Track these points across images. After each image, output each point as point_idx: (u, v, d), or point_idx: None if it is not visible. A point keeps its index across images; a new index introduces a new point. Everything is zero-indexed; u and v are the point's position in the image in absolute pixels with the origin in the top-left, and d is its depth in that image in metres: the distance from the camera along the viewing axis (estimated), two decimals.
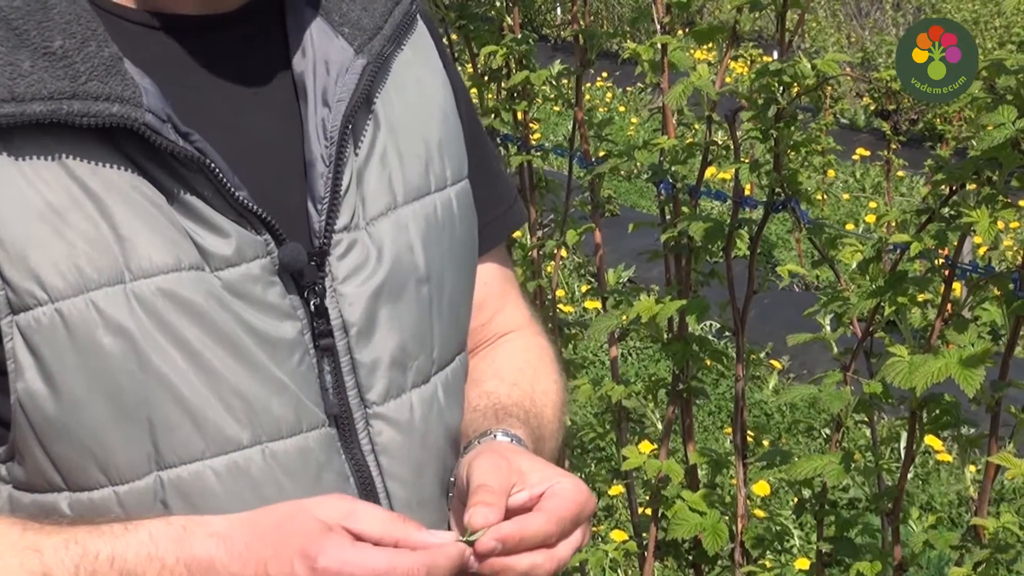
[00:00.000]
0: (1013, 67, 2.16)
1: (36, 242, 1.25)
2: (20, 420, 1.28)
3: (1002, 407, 2.33)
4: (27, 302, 1.25)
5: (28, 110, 1.24)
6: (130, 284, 1.28)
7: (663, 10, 2.96)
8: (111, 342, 1.27)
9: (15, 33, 1.27)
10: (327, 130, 1.42)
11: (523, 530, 1.31)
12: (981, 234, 2.19)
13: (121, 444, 1.29)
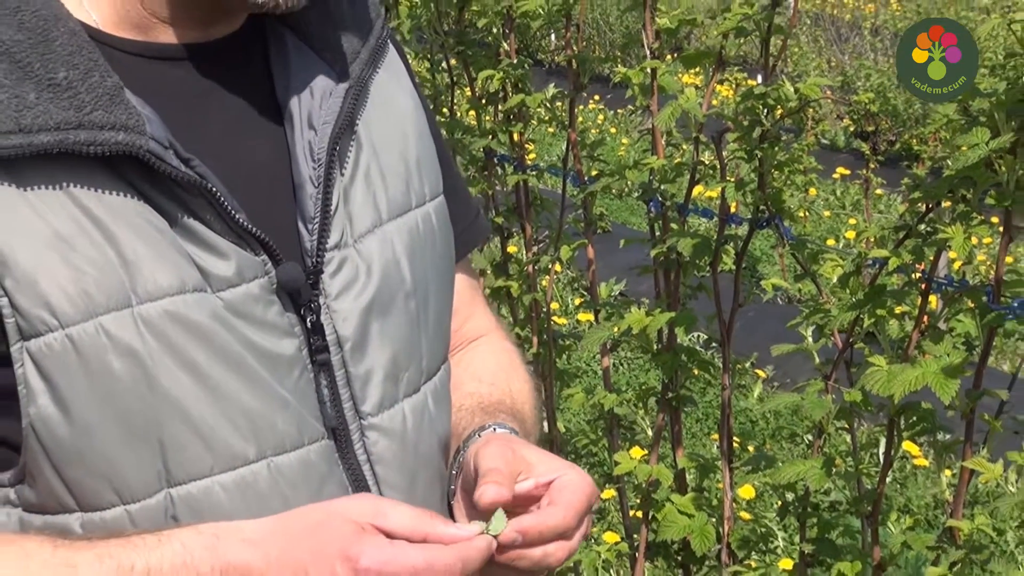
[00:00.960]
0: (986, 90, 2.16)
1: (45, 269, 1.23)
2: (33, 444, 1.27)
3: (976, 414, 2.33)
4: (37, 328, 1.24)
5: (35, 141, 1.23)
6: (137, 307, 1.27)
7: (652, 36, 2.97)
8: (121, 365, 1.26)
9: (19, 66, 1.25)
10: (314, 152, 1.42)
11: (543, 523, 1.32)
12: (956, 250, 2.19)
13: (132, 464, 1.28)
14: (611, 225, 7.92)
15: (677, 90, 2.82)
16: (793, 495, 2.91)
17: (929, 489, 5.06)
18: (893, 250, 2.36)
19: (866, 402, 2.43)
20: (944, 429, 2.44)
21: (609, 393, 3.24)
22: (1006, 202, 2.17)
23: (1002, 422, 2.33)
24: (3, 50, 1.26)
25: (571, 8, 3.34)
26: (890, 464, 2.56)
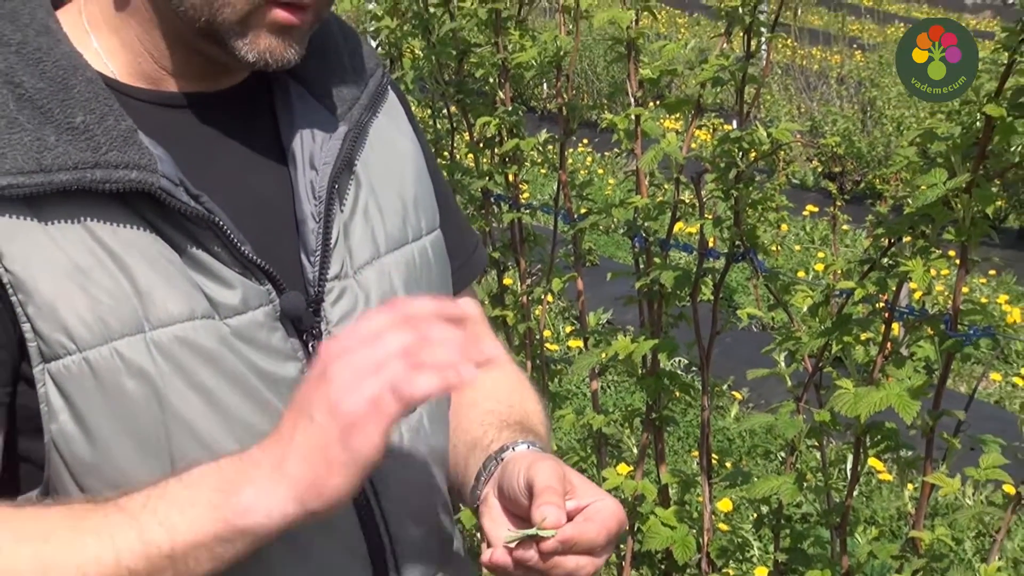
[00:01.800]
0: (943, 135, 2.17)
1: (64, 298, 1.24)
2: (54, 458, 1.28)
3: (936, 433, 2.33)
4: (57, 352, 1.25)
5: (55, 179, 1.24)
6: (149, 333, 1.27)
7: (636, 85, 2.97)
8: (134, 386, 1.27)
9: (40, 112, 1.26)
10: (316, 190, 1.43)
11: (580, 535, 1.31)
12: (917, 281, 2.19)
13: (145, 477, 1.28)
14: (599, 259, 7.91)
15: (659, 135, 2.82)
16: (768, 508, 2.91)
17: (893, 502, 5.05)
18: (858, 282, 2.36)
19: (834, 422, 2.42)
20: (906, 446, 2.43)
21: (597, 414, 3.23)
22: (962, 237, 2.17)
23: (960, 440, 2.33)
24: (26, 97, 1.27)
25: (561, 60, 3.34)
26: (857, 479, 2.56)
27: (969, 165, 2.12)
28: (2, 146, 1.23)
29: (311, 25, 1.38)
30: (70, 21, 1.38)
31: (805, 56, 13.64)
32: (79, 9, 1.40)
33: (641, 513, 2.98)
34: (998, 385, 6.53)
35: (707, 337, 2.92)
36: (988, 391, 6.45)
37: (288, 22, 1.34)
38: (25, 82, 1.27)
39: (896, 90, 10.45)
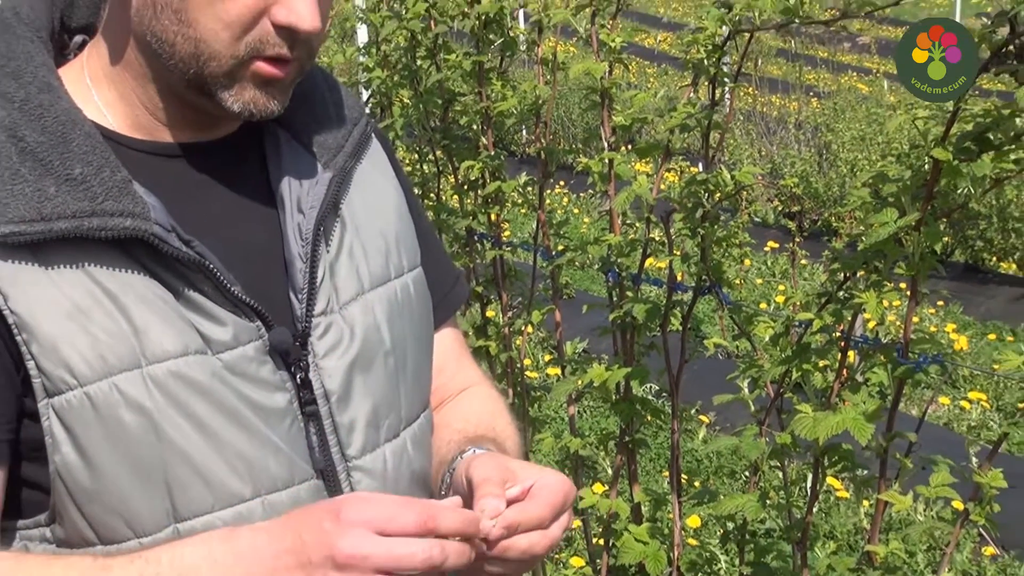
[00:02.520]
0: (894, 177, 2.18)
1: (65, 337, 1.25)
2: (59, 487, 1.28)
3: (889, 453, 2.33)
4: (60, 387, 1.26)
5: (55, 227, 1.25)
6: (146, 368, 1.28)
7: (609, 131, 2.98)
8: (132, 418, 1.27)
9: (41, 164, 1.27)
10: (303, 232, 1.44)
11: (522, 515, 1.31)
12: (870, 312, 2.19)
13: (143, 503, 1.29)
14: (575, 292, 7.91)
15: (631, 177, 2.83)
16: (733, 524, 2.90)
17: (850, 518, 5.04)
18: (816, 313, 2.37)
19: (795, 444, 2.42)
20: (862, 466, 2.43)
21: (574, 437, 3.23)
22: (912, 272, 2.18)
23: (911, 460, 2.33)
24: (28, 150, 1.28)
25: (539, 108, 3.36)
26: (816, 497, 2.56)
27: (918, 205, 2.12)
28: (5, 196, 1.24)
29: (294, 78, 1.39)
30: (72, 77, 1.40)
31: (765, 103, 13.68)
32: (82, 65, 1.42)
33: (616, 530, 2.98)
34: (946, 408, 6.54)
35: (676, 365, 2.92)
36: (937, 414, 6.46)
37: (271, 75, 1.35)
38: (27, 136, 1.28)
39: (849, 135, 10.49)
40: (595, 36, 2.97)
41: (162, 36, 1.33)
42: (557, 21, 3.02)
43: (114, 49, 1.39)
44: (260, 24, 1.32)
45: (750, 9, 2.32)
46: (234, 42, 1.31)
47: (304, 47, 1.36)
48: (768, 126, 12.25)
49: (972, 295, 8.67)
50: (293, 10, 1.31)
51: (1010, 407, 6.49)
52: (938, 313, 8.29)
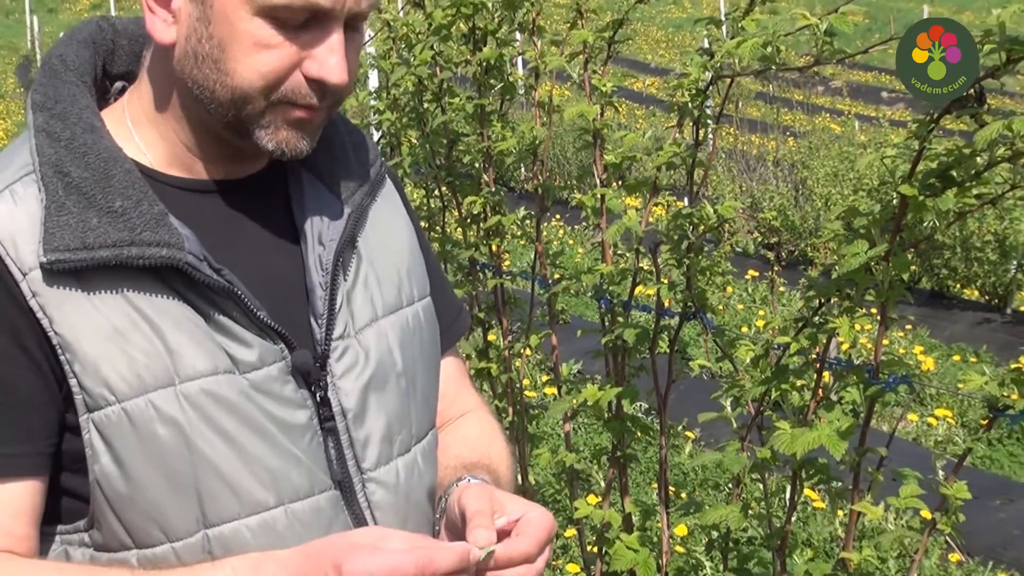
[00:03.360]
0: (864, 211, 2.18)
1: (105, 357, 1.27)
2: (97, 495, 1.30)
3: (861, 467, 2.33)
4: (99, 403, 1.28)
5: (97, 256, 1.27)
6: (179, 386, 1.30)
7: (601, 169, 2.99)
8: (165, 432, 1.29)
9: (85, 197, 1.29)
10: (323, 263, 1.45)
11: (513, 550, 1.31)
12: (843, 336, 2.19)
13: (176, 510, 1.30)
14: (570, 318, 7.91)
15: (621, 211, 2.83)
16: (718, 533, 2.90)
17: (826, 527, 5.03)
18: (794, 337, 2.37)
19: (774, 458, 2.42)
20: (837, 479, 2.43)
21: (570, 452, 3.22)
22: (882, 299, 2.18)
23: (882, 473, 2.32)
24: (73, 185, 1.30)
25: (536, 147, 3.36)
26: (794, 507, 2.55)
27: (887, 237, 2.13)
28: (52, 227, 1.26)
29: (321, 121, 1.40)
30: (114, 119, 1.41)
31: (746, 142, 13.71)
32: (123, 108, 1.43)
33: (608, 538, 2.97)
34: (915, 424, 6.53)
35: (664, 385, 2.92)
36: (907, 430, 6.45)
37: (300, 117, 1.36)
38: (72, 172, 1.30)
39: (823, 171, 10.51)
40: (587, 81, 2.98)
41: (203, 84, 1.34)
42: (553, 67, 3.03)
43: (157, 94, 1.41)
44: (293, 77, 1.33)
45: (730, 56, 2.33)
46: (267, 91, 1.33)
47: (332, 97, 1.37)
48: (748, 163, 12.27)
49: (938, 320, 8.67)
50: (324, 65, 1.33)
51: (974, 423, 6.48)
52: (907, 336, 8.29)
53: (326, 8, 1.30)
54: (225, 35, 1.31)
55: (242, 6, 1.29)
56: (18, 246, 1.27)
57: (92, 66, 1.44)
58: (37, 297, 1.26)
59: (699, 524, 3.59)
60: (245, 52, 1.31)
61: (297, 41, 1.32)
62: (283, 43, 1.31)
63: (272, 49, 1.31)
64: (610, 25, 2.88)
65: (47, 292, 1.26)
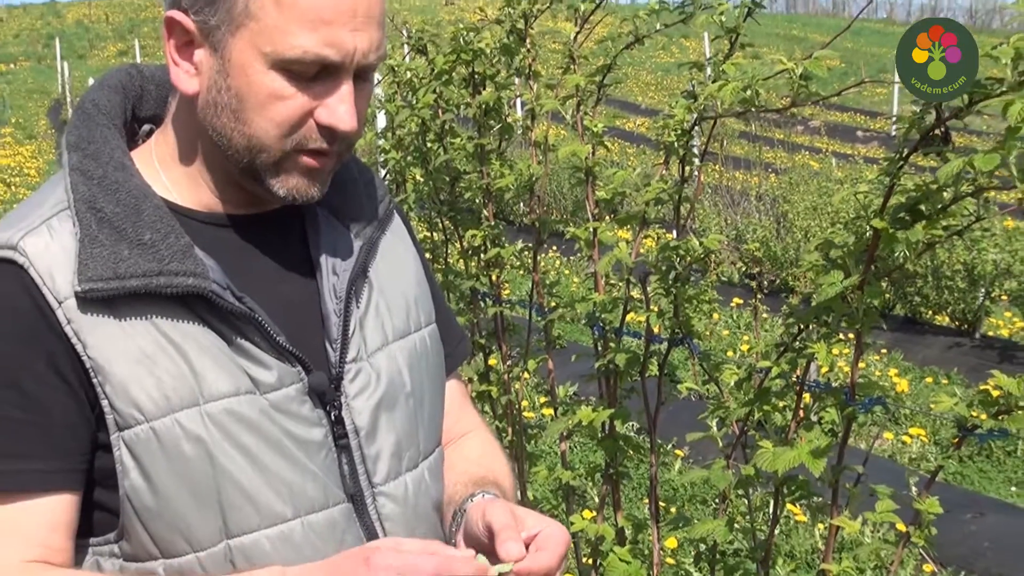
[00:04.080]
0: (839, 243, 2.18)
1: (134, 379, 1.28)
2: (127, 508, 1.31)
3: (840, 484, 2.32)
4: (129, 422, 1.29)
5: (127, 285, 1.28)
6: (203, 406, 1.31)
7: (593, 204, 2.99)
8: (191, 449, 1.30)
9: (116, 231, 1.31)
10: (337, 292, 1.46)
11: (537, 564, 1.32)
12: (821, 360, 2.19)
13: (200, 521, 1.31)
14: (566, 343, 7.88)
15: (613, 243, 2.84)
16: (705, 546, 2.89)
17: (807, 539, 5.02)
18: (775, 361, 2.37)
19: (757, 475, 2.41)
20: (817, 494, 2.42)
21: (566, 470, 3.22)
22: (856, 325, 2.18)
23: (859, 489, 2.32)
24: (106, 219, 1.32)
25: (533, 184, 3.37)
26: (777, 521, 2.55)
27: (861, 267, 2.13)
28: (86, 258, 1.28)
29: (332, 168, 1.41)
30: (143, 159, 1.43)
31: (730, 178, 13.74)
32: (150, 150, 1.45)
33: (602, 551, 2.96)
34: (891, 442, 6.52)
35: (654, 407, 2.91)
36: (883, 448, 6.44)
37: (312, 166, 1.38)
38: (104, 208, 1.32)
39: (803, 205, 10.52)
40: (580, 122, 2.99)
41: (222, 131, 1.36)
42: (548, 109, 3.04)
43: (181, 138, 1.43)
44: (306, 124, 1.34)
45: (712, 99, 2.34)
46: (282, 138, 1.34)
47: (343, 143, 1.38)
48: (733, 198, 12.29)
49: (912, 344, 8.67)
50: (334, 113, 1.34)
51: (946, 441, 6.47)
52: (882, 360, 8.29)
53: (336, 61, 1.31)
54: (242, 87, 1.32)
55: (258, 60, 1.30)
56: (54, 276, 1.29)
57: (122, 110, 1.46)
58: (72, 324, 1.28)
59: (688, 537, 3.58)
60: (261, 103, 1.32)
61: (309, 92, 1.33)
62: (296, 94, 1.32)
63: (286, 100, 1.32)
64: (600, 70, 2.89)
65: (81, 319, 1.28)
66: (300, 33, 1.28)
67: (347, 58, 1.31)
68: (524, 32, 3.28)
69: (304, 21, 1.28)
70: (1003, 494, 5.89)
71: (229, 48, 1.32)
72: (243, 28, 1.30)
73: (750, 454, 2.47)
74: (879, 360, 8.24)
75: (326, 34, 1.29)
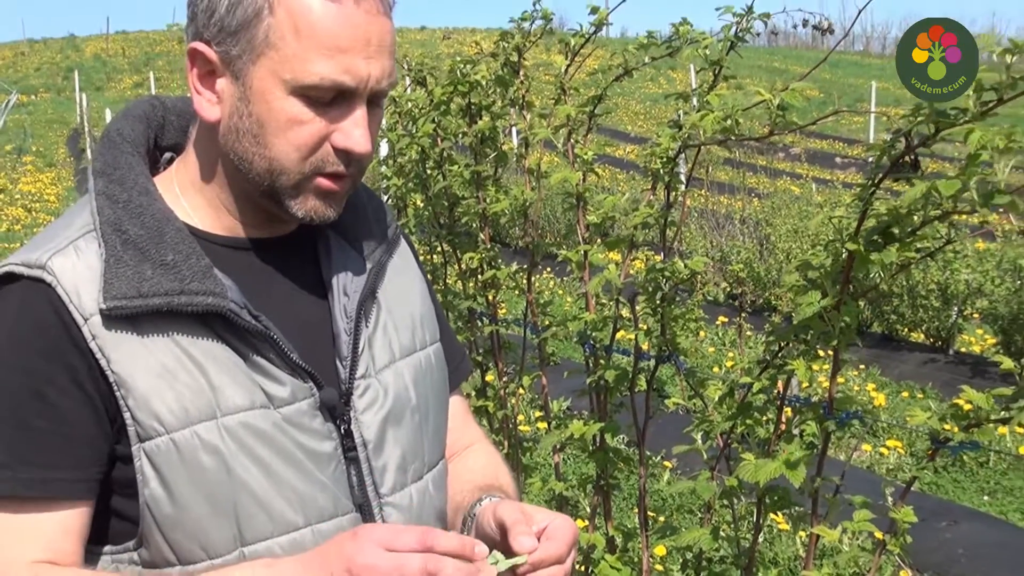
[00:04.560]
0: (817, 264, 2.19)
1: (155, 393, 1.29)
2: (147, 516, 1.31)
3: (819, 494, 2.32)
4: (150, 434, 1.29)
5: (150, 303, 1.29)
6: (220, 419, 1.32)
7: (584, 228, 3.00)
8: (208, 460, 1.30)
9: (140, 252, 1.32)
10: (347, 312, 1.47)
11: (547, 553, 1.35)
12: (801, 376, 2.19)
13: (216, 530, 1.31)
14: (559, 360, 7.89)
15: (603, 265, 2.85)
16: (692, 553, 2.89)
17: (789, 547, 5.01)
18: (757, 377, 2.37)
19: (741, 486, 2.42)
20: (797, 504, 2.42)
21: (559, 481, 3.22)
22: (833, 343, 2.18)
23: (838, 499, 2.32)
24: (130, 241, 1.33)
25: (527, 209, 3.37)
26: (760, 530, 2.54)
27: (837, 288, 2.13)
28: (111, 278, 1.30)
29: (347, 190, 1.43)
30: (164, 185, 1.44)
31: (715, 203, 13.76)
32: (172, 177, 1.46)
33: (593, 559, 2.96)
34: (869, 454, 6.52)
35: (642, 420, 2.92)
36: (861, 459, 6.44)
37: (329, 189, 1.39)
38: (129, 230, 1.34)
39: (785, 228, 10.54)
40: (571, 150, 3.00)
41: (243, 155, 1.37)
42: (541, 138, 3.05)
43: (203, 164, 1.44)
44: (323, 147, 1.36)
45: (696, 128, 2.35)
46: (301, 161, 1.36)
47: (357, 165, 1.40)
48: (718, 221, 12.31)
49: (888, 360, 8.68)
50: (350, 137, 1.35)
51: (921, 453, 6.47)
52: (860, 375, 8.29)
53: (351, 87, 1.33)
54: (263, 112, 1.33)
55: (277, 87, 1.32)
56: (80, 294, 1.30)
57: (145, 138, 1.48)
58: (96, 339, 1.29)
59: (675, 545, 3.58)
60: (281, 127, 1.34)
61: (326, 116, 1.34)
62: (314, 119, 1.34)
63: (304, 124, 1.34)
64: (591, 100, 2.91)
65: (105, 335, 1.29)
66: (318, 61, 1.30)
67: (361, 84, 1.33)
68: (518, 65, 3.30)
69: (322, 49, 1.30)
70: (976, 503, 5.88)
71: (250, 76, 1.33)
72: (264, 57, 1.32)
73: (734, 466, 2.47)
74: (857, 375, 8.24)
75: (342, 61, 1.31)
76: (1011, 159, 1.74)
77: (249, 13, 1.32)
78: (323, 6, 1.30)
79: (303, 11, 1.30)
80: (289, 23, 1.30)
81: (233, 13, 1.32)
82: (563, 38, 3.05)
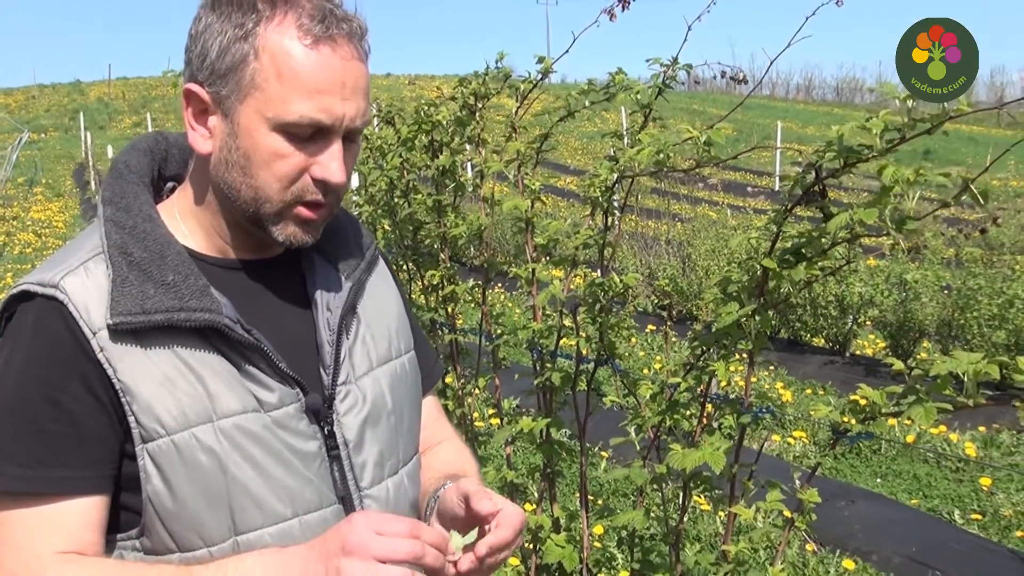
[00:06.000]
0: (735, 280, 2.20)
1: (158, 399, 1.28)
2: (149, 510, 1.29)
3: (737, 478, 2.33)
4: (152, 435, 1.28)
5: (153, 319, 1.28)
6: (216, 422, 1.30)
7: (532, 249, 3.00)
8: (205, 459, 1.29)
9: (144, 273, 1.31)
10: (330, 326, 1.46)
11: (500, 540, 1.34)
12: (720, 377, 2.21)
13: (212, 521, 1.30)
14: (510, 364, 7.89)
15: (548, 281, 2.85)
16: (626, 532, 2.89)
17: (710, 525, 5.03)
18: (682, 377, 2.38)
19: (669, 472, 2.42)
20: (718, 487, 2.43)
21: (510, 470, 3.21)
22: (749, 347, 2.20)
23: (752, 482, 2.33)
24: (135, 263, 1.32)
25: (482, 232, 3.38)
26: (685, 510, 2.55)
27: (753, 300, 2.15)
28: (117, 296, 1.28)
29: (324, 218, 1.41)
30: (166, 211, 1.44)
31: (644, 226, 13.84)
32: (173, 205, 1.45)
33: (541, 537, 2.95)
34: (778, 443, 6.57)
35: (583, 416, 2.92)
36: (771, 448, 6.48)
37: (308, 217, 1.38)
38: (134, 253, 1.32)
39: (704, 248, 10.62)
40: (521, 181, 3.01)
41: (232, 184, 1.35)
42: (494, 170, 3.05)
43: (198, 193, 1.42)
44: (303, 179, 1.35)
45: (631, 161, 2.36)
46: (283, 191, 1.34)
47: (334, 194, 1.38)
48: (646, 242, 12.38)
49: (794, 362, 8.75)
50: (327, 168, 1.34)
51: (823, 442, 6.53)
52: (771, 375, 8.35)
53: (328, 125, 1.32)
54: (249, 147, 1.32)
55: (261, 124, 1.31)
56: (90, 311, 1.28)
57: (149, 169, 1.46)
58: (104, 351, 1.27)
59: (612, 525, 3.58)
60: (265, 160, 1.32)
61: (305, 150, 1.33)
62: (294, 152, 1.33)
63: (286, 158, 1.33)
64: (538, 138, 2.91)
65: (112, 347, 1.27)
66: (298, 101, 1.29)
67: (337, 122, 1.32)
68: (474, 107, 3.30)
69: (302, 91, 1.29)
70: (870, 485, 5.94)
71: (238, 114, 1.32)
72: (250, 97, 1.31)
73: (663, 455, 2.48)
74: (768, 375, 8.31)
75: (320, 102, 1.30)
76: (918, 190, 1.76)
77: (237, 58, 1.31)
78: (303, 52, 1.29)
79: (285, 57, 1.29)
80: (272, 67, 1.29)
81: (223, 58, 1.31)
82: (513, 84, 3.06)
